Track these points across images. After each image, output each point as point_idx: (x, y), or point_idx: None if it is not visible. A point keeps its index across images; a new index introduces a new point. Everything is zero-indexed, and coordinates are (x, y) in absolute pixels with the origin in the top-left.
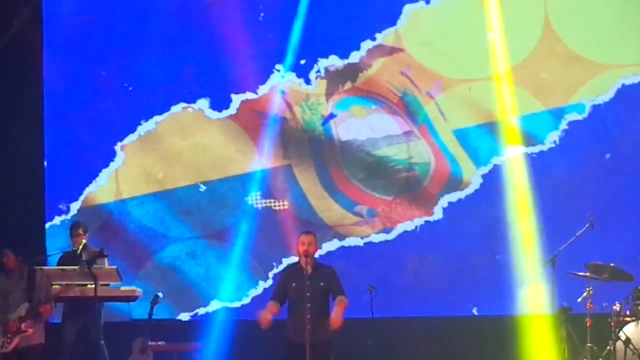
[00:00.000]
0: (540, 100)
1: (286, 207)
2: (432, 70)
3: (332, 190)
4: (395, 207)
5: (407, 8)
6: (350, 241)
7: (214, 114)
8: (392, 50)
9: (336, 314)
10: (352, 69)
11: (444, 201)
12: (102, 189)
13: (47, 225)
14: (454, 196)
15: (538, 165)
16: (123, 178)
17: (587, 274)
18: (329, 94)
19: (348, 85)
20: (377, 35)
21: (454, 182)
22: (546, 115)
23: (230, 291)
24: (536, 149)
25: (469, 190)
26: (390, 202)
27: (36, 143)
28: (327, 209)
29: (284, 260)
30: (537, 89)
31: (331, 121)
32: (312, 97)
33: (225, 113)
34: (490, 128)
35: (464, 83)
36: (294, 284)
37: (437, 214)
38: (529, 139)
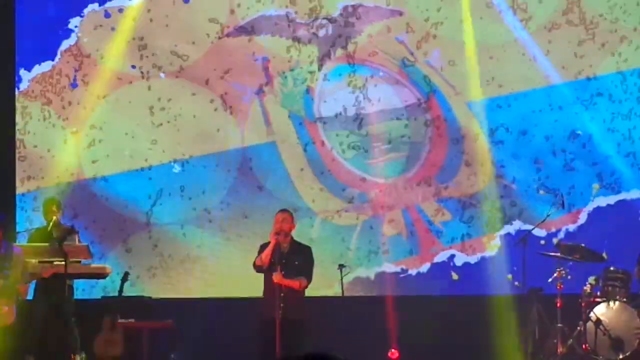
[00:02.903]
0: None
1: None
2: (434, 37)
3: (320, 172)
4: (390, 191)
5: None
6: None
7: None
8: (391, 13)
9: (287, 281)
10: (343, 34)
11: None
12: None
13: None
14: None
15: None
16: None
17: (558, 254)
18: (321, 61)
19: (340, 52)
20: None
21: (453, 165)
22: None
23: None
24: None
25: None
26: (384, 186)
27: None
28: (313, 191)
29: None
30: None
31: (315, 94)
32: (303, 64)
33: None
34: (508, 101)
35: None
36: (272, 260)
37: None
38: None
